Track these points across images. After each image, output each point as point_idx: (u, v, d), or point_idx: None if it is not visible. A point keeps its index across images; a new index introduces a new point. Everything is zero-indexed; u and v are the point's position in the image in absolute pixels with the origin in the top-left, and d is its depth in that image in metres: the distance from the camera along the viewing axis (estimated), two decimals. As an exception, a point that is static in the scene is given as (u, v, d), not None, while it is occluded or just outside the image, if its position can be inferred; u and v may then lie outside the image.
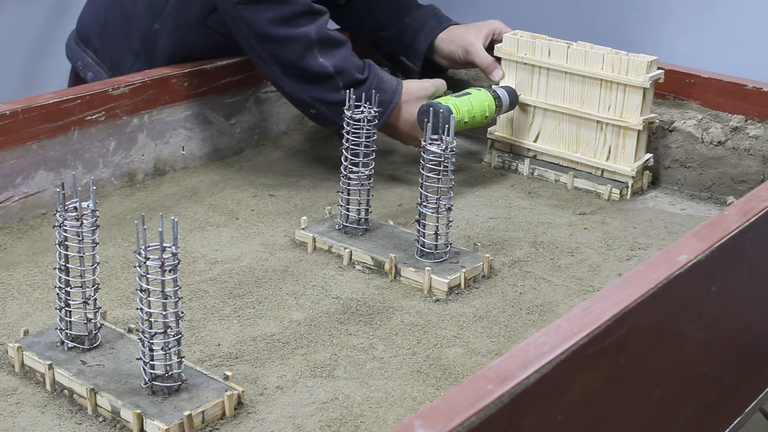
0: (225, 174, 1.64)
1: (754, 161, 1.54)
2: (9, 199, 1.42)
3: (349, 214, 1.38)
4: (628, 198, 1.57)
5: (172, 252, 0.97)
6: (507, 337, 1.18)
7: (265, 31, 1.50)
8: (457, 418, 0.73)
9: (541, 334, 0.85)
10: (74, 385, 1.03)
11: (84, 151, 1.51)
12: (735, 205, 1.12)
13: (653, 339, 0.98)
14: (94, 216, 1.05)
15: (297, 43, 1.50)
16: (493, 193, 1.58)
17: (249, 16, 1.50)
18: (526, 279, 1.31)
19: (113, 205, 1.51)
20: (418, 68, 1.75)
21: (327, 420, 1.01)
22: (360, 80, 1.53)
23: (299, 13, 1.50)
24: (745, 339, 1.21)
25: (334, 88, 1.52)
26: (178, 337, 1.00)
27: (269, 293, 1.26)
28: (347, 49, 1.54)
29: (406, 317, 1.21)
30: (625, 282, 0.95)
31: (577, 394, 0.87)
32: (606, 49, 1.55)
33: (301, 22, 1.50)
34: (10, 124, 1.41)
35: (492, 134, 1.69)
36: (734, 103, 1.59)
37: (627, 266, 1.34)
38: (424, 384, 1.08)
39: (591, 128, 1.58)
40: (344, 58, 1.53)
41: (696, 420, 1.13)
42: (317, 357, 1.13)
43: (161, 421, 0.97)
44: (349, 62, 1.53)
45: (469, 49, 1.68)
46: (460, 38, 1.69)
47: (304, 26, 1.50)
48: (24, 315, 1.20)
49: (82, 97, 1.49)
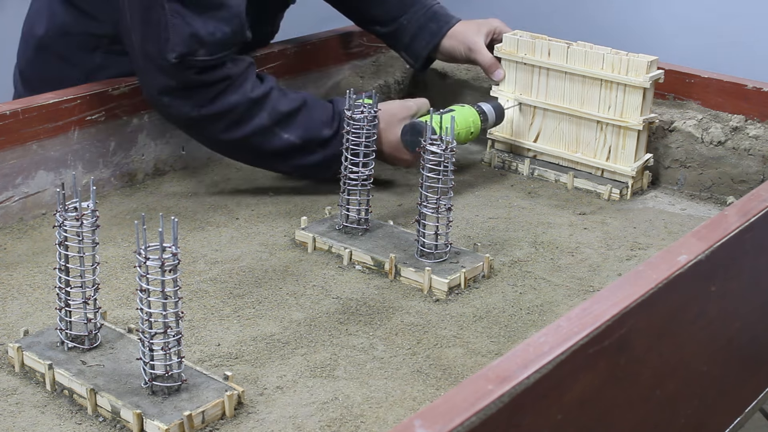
0: (225, 174, 1.64)
1: (754, 161, 1.54)
2: (9, 199, 1.42)
3: (349, 214, 1.38)
4: (628, 198, 1.57)
5: (172, 252, 0.97)
6: (507, 337, 1.18)
7: (219, 139, 1.47)
8: (457, 418, 0.73)
9: (541, 334, 0.85)
10: (74, 385, 1.03)
11: (84, 151, 1.51)
12: (735, 205, 1.12)
13: (653, 339, 0.98)
14: (94, 216, 1.05)
15: (255, 136, 1.46)
16: (493, 193, 1.58)
17: (199, 133, 1.48)
18: (526, 279, 1.31)
19: (113, 205, 1.51)
20: (418, 66, 1.73)
21: (327, 420, 1.01)
22: (331, 135, 1.48)
23: (245, 109, 1.44)
24: (745, 339, 1.21)
25: (308, 152, 1.49)
26: (178, 337, 1.00)
27: (269, 293, 1.26)
28: (306, 110, 1.48)
29: (406, 317, 1.21)
30: (625, 282, 0.95)
31: (577, 394, 0.87)
32: (606, 49, 1.55)
33: (251, 114, 1.45)
34: (10, 124, 1.41)
35: (492, 134, 1.69)
36: (734, 103, 1.59)
37: (627, 266, 1.34)
38: (424, 384, 1.08)
39: (591, 128, 1.58)
40: (307, 123, 1.48)
41: (696, 420, 1.13)
42: (317, 357, 1.13)
43: (161, 421, 0.97)
44: (313, 125, 1.47)
45: (472, 47, 1.66)
46: (463, 36, 1.68)
47: (256, 116, 1.45)
48: (24, 315, 1.20)
49: (82, 97, 1.49)
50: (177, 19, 1.37)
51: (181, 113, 1.44)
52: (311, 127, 1.48)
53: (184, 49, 1.38)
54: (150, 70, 1.41)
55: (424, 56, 1.72)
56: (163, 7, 1.37)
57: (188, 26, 1.37)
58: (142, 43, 1.40)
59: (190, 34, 1.38)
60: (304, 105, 1.49)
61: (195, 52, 1.38)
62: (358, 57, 1.89)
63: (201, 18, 1.38)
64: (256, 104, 1.45)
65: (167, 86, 1.41)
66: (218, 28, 1.40)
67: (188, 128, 1.49)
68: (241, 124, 1.44)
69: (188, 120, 1.45)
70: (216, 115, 1.43)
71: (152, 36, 1.38)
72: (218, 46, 1.41)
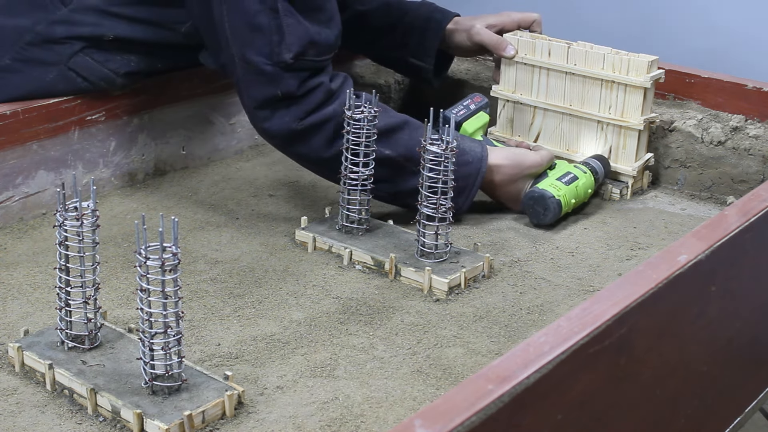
0: (225, 174, 1.64)
1: (754, 161, 1.54)
2: (9, 199, 1.42)
3: (349, 214, 1.38)
4: (628, 198, 1.57)
5: (172, 252, 0.97)
6: (507, 337, 1.18)
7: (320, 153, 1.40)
8: (457, 418, 0.73)
9: (541, 334, 0.85)
10: (74, 385, 1.03)
11: (84, 151, 1.51)
12: (735, 205, 1.12)
13: (653, 339, 0.98)
14: (95, 216, 1.05)
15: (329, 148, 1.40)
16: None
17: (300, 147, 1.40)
18: (526, 279, 1.31)
19: (113, 205, 1.51)
20: (430, 66, 1.70)
21: (327, 420, 1.01)
22: None
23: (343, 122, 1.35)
24: (745, 339, 1.21)
25: (408, 174, 1.40)
26: (178, 337, 1.00)
27: (269, 293, 1.26)
28: (408, 129, 1.42)
29: (406, 317, 1.21)
30: (625, 282, 0.95)
31: (577, 394, 0.87)
32: (606, 49, 1.55)
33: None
34: (10, 124, 1.41)
35: (492, 134, 1.69)
36: (734, 103, 1.59)
37: (627, 266, 1.34)
38: (424, 384, 1.08)
39: (591, 128, 1.58)
40: (407, 142, 1.40)
41: (696, 420, 1.13)
42: (317, 357, 1.13)
43: (161, 420, 0.97)
44: (414, 144, 1.39)
45: (471, 31, 1.63)
46: (463, 24, 1.66)
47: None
48: (24, 315, 1.20)
49: (82, 97, 1.49)
50: (291, 18, 1.35)
51: (282, 126, 1.38)
52: (412, 146, 1.39)
53: (300, 48, 1.35)
54: (251, 81, 1.37)
55: (435, 48, 1.68)
56: (275, 10, 1.34)
57: (301, 25, 1.35)
58: (245, 53, 1.35)
59: (305, 32, 1.35)
60: (406, 124, 1.43)
61: (307, 52, 1.36)
62: (359, 57, 1.89)
63: (307, 19, 1.37)
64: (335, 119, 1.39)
65: (270, 96, 1.36)
66: (322, 30, 1.38)
67: (289, 142, 1.40)
68: (341, 136, 1.36)
69: (290, 133, 1.38)
70: (317, 126, 1.38)
71: (259, 42, 1.34)
72: (325, 48, 1.39)
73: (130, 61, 1.50)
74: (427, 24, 1.68)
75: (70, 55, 1.47)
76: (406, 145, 1.40)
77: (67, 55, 1.47)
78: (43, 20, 1.47)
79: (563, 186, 1.45)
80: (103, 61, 1.48)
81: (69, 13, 1.47)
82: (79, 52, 1.47)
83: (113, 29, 1.47)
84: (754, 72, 1.87)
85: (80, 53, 1.47)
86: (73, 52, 1.47)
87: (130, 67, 1.50)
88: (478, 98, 1.61)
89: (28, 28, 1.48)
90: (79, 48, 1.47)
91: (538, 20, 1.65)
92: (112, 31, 1.47)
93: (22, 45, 1.48)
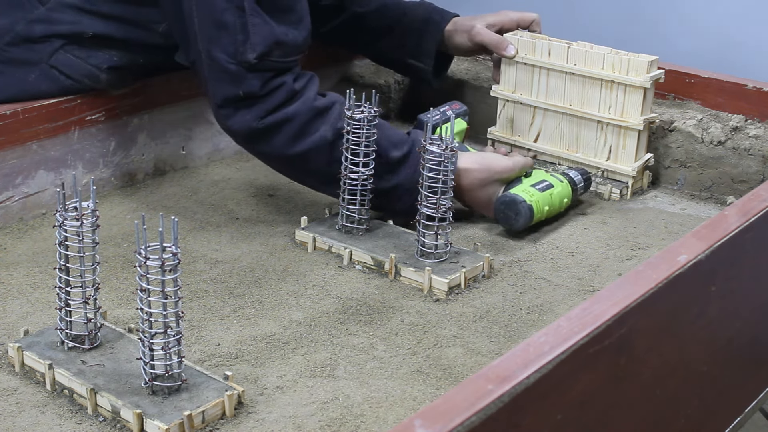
0: (225, 174, 1.64)
1: (754, 161, 1.54)
2: (9, 199, 1.42)
3: (349, 214, 1.38)
4: (628, 198, 1.57)
5: (172, 252, 0.97)
6: (507, 337, 1.18)
7: (281, 153, 1.39)
8: (457, 418, 0.73)
9: (541, 334, 0.85)
10: (74, 384, 1.03)
11: (84, 151, 1.51)
12: (735, 205, 1.12)
13: (653, 339, 0.98)
14: (94, 216, 1.05)
15: (318, 150, 1.38)
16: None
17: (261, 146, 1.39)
18: (526, 279, 1.31)
19: (113, 205, 1.51)
20: (429, 67, 1.69)
21: (327, 420, 1.01)
22: (400, 157, 1.39)
23: (308, 119, 1.37)
24: (745, 339, 1.21)
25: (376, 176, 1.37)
26: (178, 337, 1.00)
27: (269, 293, 1.26)
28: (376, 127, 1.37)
29: (406, 317, 1.21)
30: (625, 282, 0.95)
31: (577, 394, 0.87)
32: (606, 49, 1.55)
33: (314, 125, 1.38)
34: (10, 124, 1.41)
35: (492, 134, 1.69)
36: (734, 103, 1.59)
37: (627, 266, 1.34)
38: (424, 384, 1.08)
39: (591, 128, 1.58)
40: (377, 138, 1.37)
41: (696, 420, 1.13)
42: (317, 357, 1.13)
43: (161, 420, 0.97)
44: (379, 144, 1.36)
45: (472, 32, 1.63)
46: (463, 25, 1.66)
47: (319, 129, 1.38)
48: (24, 315, 1.20)
49: (82, 97, 1.49)
50: (257, 18, 1.34)
51: (243, 124, 1.37)
52: (381, 144, 1.37)
53: (264, 48, 1.34)
54: (215, 78, 1.37)
55: (434, 49, 1.67)
56: (241, 9, 1.33)
57: (267, 25, 1.35)
58: (210, 50, 1.35)
59: (270, 32, 1.35)
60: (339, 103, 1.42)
61: (272, 52, 1.35)
62: (359, 57, 1.89)
63: (274, 20, 1.37)
64: (319, 115, 1.38)
65: (231, 96, 1.36)
66: (290, 30, 1.38)
67: (250, 141, 1.40)
68: (304, 136, 1.37)
69: (250, 131, 1.38)
70: (278, 125, 1.37)
71: (225, 40, 1.34)
72: (291, 49, 1.38)
73: (112, 56, 1.49)
74: (426, 26, 1.68)
75: (50, 53, 1.47)
76: None
77: (47, 53, 1.47)
78: (22, 20, 1.47)
79: (537, 192, 1.42)
80: (85, 57, 1.47)
81: (47, 12, 1.46)
82: (60, 49, 1.47)
83: (92, 26, 1.46)
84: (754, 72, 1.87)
85: (60, 50, 1.47)
86: (53, 49, 1.47)
87: (112, 62, 1.49)
88: (457, 105, 1.62)
89: (7, 28, 1.47)
90: (59, 45, 1.46)
91: (537, 20, 1.65)
92: (91, 28, 1.46)
93: (2, 46, 1.47)
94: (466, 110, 1.62)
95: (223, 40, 1.34)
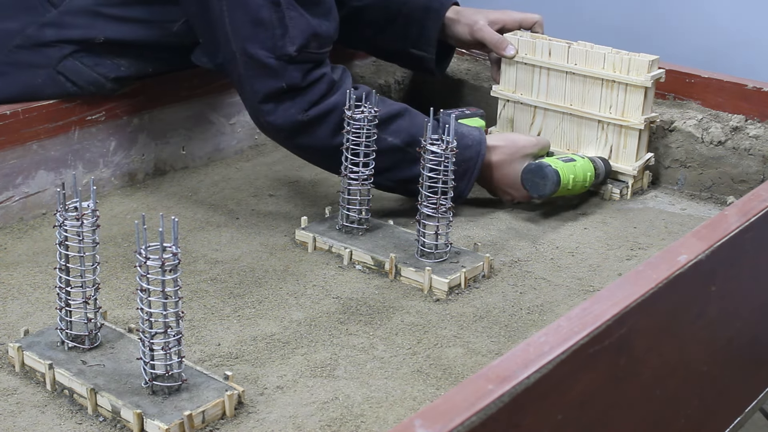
0: (225, 174, 1.64)
1: (754, 161, 1.54)
2: (9, 199, 1.42)
3: (349, 214, 1.38)
4: (628, 198, 1.57)
5: (172, 252, 0.97)
6: (507, 337, 1.18)
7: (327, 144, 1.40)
8: (457, 418, 0.73)
9: (541, 334, 0.85)
10: (74, 385, 1.03)
11: (84, 151, 1.51)
12: (735, 205, 1.12)
13: (653, 339, 0.98)
14: (95, 216, 1.05)
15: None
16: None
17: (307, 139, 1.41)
18: (526, 279, 1.31)
19: (113, 205, 1.51)
20: (432, 55, 1.69)
21: (327, 420, 1.01)
22: None
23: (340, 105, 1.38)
24: (745, 339, 1.21)
25: (411, 161, 1.41)
26: (178, 336, 1.00)
27: (269, 293, 1.26)
28: (409, 116, 1.44)
29: (406, 317, 1.21)
30: (625, 282, 0.95)
31: (577, 394, 0.87)
32: (607, 48, 1.55)
33: None
34: (10, 124, 1.41)
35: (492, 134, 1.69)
36: (734, 103, 1.59)
37: (627, 266, 1.34)
38: (424, 384, 1.08)
39: (592, 128, 1.58)
40: (409, 128, 1.42)
41: (696, 420, 1.13)
42: (317, 357, 1.13)
43: (161, 420, 0.97)
44: (416, 131, 1.41)
45: (474, 27, 1.63)
46: (466, 17, 1.66)
47: None
48: (24, 315, 1.20)
49: (82, 97, 1.49)
50: (294, 12, 1.36)
51: (287, 118, 1.38)
52: (414, 132, 1.41)
53: (303, 40, 1.36)
54: (254, 76, 1.37)
55: (435, 36, 1.67)
56: (277, 4, 1.35)
57: (303, 18, 1.37)
58: (246, 47, 1.36)
59: (307, 25, 1.37)
60: (406, 111, 1.44)
61: (309, 44, 1.37)
62: (359, 57, 1.89)
63: (308, 12, 1.38)
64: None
65: (274, 89, 1.37)
66: (322, 22, 1.40)
67: (294, 135, 1.40)
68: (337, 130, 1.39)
69: (294, 125, 1.39)
70: (322, 116, 1.39)
71: (262, 36, 1.35)
72: (326, 40, 1.40)
73: (120, 66, 1.49)
74: (426, 14, 1.68)
75: (59, 59, 1.47)
76: (408, 131, 1.42)
77: (56, 59, 1.46)
78: (33, 23, 1.47)
79: (561, 163, 1.47)
80: (93, 66, 1.47)
81: (59, 16, 1.46)
82: (69, 56, 1.46)
83: (104, 31, 1.46)
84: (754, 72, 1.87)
85: (70, 57, 1.47)
86: (62, 55, 1.47)
87: (120, 72, 1.49)
88: (474, 109, 1.65)
89: (18, 30, 1.47)
90: (69, 52, 1.46)
91: (539, 21, 1.65)
92: (103, 33, 1.46)
93: (11, 48, 1.47)
94: (482, 114, 1.64)
95: (261, 36, 1.35)
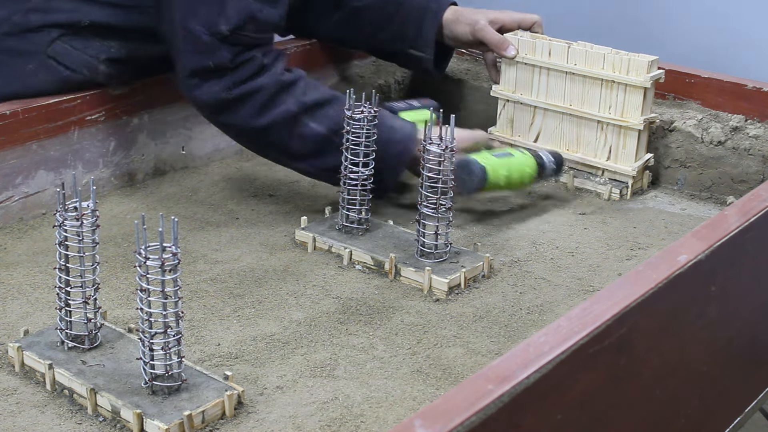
0: (225, 174, 1.64)
1: (754, 161, 1.54)
2: (9, 199, 1.42)
3: (349, 214, 1.38)
4: (628, 198, 1.57)
5: (172, 252, 0.97)
6: (507, 337, 1.18)
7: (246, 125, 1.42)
8: (457, 418, 0.73)
9: (541, 334, 0.85)
10: (74, 384, 1.03)
11: (84, 151, 1.51)
12: (735, 205, 1.12)
13: (653, 339, 0.98)
14: (94, 216, 1.05)
15: (283, 123, 1.42)
16: (493, 193, 1.58)
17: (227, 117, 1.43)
18: (526, 279, 1.31)
19: (113, 205, 1.51)
20: (430, 56, 1.69)
21: (327, 420, 1.01)
22: None
23: (274, 92, 1.41)
24: (745, 339, 1.21)
25: (334, 150, 1.41)
26: (178, 336, 1.00)
27: (269, 293, 1.26)
28: (338, 104, 1.42)
29: (406, 317, 1.21)
30: (625, 282, 0.95)
31: (577, 394, 0.87)
32: (606, 48, 1.55)
33: (280, 98, 1.41)
34: (10, 124, 1.41)
35: (492, 134, 1.69)
36: (734, 103, 1.59)
37: (627, 266, 1.34)
38: (424, 384, 1.08)
39: (591, 128, 1.58)
40: (336, 117, 1.41)
41: (696, 420, 1.13)
42: (317, 357, 1.13)
43: (161, 420, 0.97)
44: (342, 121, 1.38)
45: (475, 27, 1.63)
46: (466, 17, 1.65)
47: (283, 102, 1.41)
48: (24, 315, 1.20)
49: (82, 97, 1.49)
50: None
51: (211, 95, 1.41)
52: (340, 122, 1.39)
53: (238, 21, 1.37)
54: (187, 50, 1.39)
55: (433, 38, 1.67)
56: None
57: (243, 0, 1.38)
58: (185, 20, 1.38)
59: (245, 7, 1.38)
60: (336, 99, 1.44)
61: (245, 27, 1.38)
62: (359, 57, 1.89)
63: None
64: (285, 89, 1.42)
65: (201, 66, 1.39)
66: (265, 7, 1.41)
67: (216, 112, 1.44)
68: (269, 108, 1.41)
69: (217, 102, 1.41)
70: (245, 96, 1.40)
71: (201, 10, 1.37)
72: (264, 25, 1.41)
73: (110, 47, 1.49)
74: (424, 14, 1.68)
75: (48, 43, 1.47)
76: (334, 119, 1.42)
77: (45, 44, 1.46)
78: (19, 10, 1.47)
79: (493, 158, 1.43)
80: (83, 48, 1.47)
81: (44, 1, 1.46)
82: (57, 39, 1.46)
83: (89, 14, 1.47)
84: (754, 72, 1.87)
85: (58, 41, 1.47)
86: (50, 39, 1.47)
87: (110, 53, 1.49)
88: (426, 101, 1.63)
89: (4, 18, 1.47)
90: (57, 36, 1.46)
91: (538, 22, 1.65)
92: (88, 16, 1.47)
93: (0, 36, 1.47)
94: (437, 106, 1.60)
95: (200, 10, 1.37)
